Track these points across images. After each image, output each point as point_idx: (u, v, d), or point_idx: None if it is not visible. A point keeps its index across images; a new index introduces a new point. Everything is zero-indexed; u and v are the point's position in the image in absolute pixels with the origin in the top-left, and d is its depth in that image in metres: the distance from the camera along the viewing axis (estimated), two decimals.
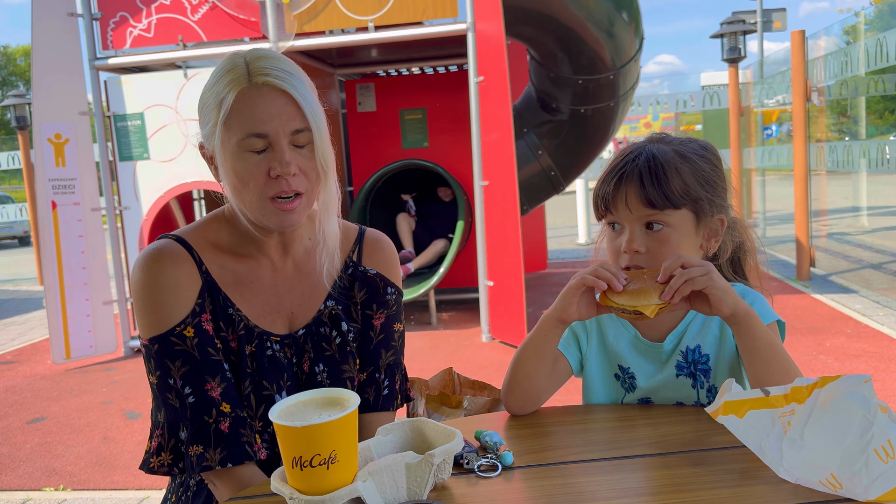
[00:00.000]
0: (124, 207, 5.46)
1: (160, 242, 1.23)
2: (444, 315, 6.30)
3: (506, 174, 4.76)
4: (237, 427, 1.17)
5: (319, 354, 1.27)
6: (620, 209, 1.24)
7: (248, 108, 1.13)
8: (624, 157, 1.26)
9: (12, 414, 4.34)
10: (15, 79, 40.37)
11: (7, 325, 7.41)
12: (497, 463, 1.04)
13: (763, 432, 0.92)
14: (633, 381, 1.33)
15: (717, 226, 1.28)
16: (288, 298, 1.28)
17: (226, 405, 1.17)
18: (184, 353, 1.17)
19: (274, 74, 1.13)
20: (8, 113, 9.47)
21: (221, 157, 1.17)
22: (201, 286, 1.21)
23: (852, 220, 10.99)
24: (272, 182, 1.14)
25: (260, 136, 1.13)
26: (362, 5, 5.07)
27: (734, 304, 1.12)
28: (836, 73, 6.39)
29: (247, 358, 1.21)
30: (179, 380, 1.16)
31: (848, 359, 4.30)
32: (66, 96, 5.28)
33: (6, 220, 10.78)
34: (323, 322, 1.28)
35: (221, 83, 1.15)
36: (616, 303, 1.13)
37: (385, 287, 1.35)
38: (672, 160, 1.23)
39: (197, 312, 1.19)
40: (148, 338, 1.18)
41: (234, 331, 1.22)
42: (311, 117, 1.15)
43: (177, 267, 1.19)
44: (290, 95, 1.13)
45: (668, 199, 1.21)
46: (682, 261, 1.12)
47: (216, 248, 1.25)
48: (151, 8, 5.28)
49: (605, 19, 5.28)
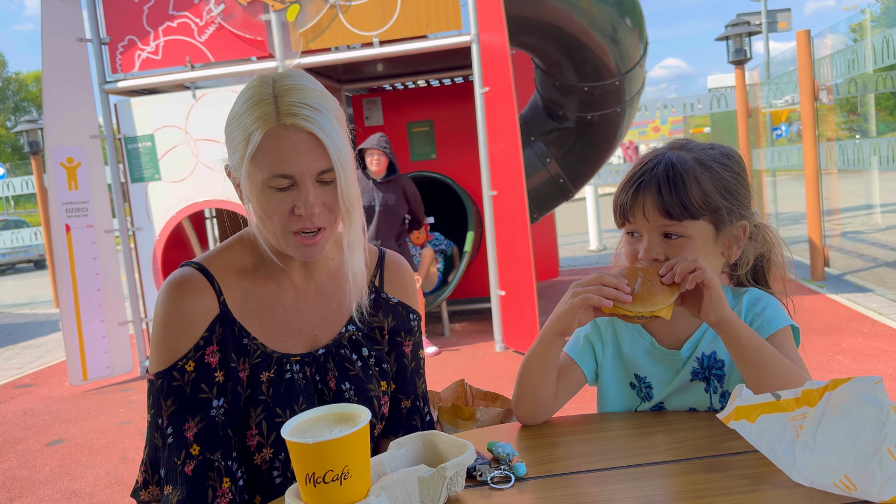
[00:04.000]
0: (137, 228, 5.50)
1: (182, 271, 1.23)
2: (457, 326, 6.30)
3: (514, 183, 4.77)
4: (203, 470, 1.16)
5: (344, 373, 1.27)
6: (638, 218, 1.23)
7: (276, 149, 1.13)
8: (643, 165, 1.25)
9: (31, 437, 4.37)
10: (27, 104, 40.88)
11: (24, 349, 7.48)
12: (510, 474, 1.04)
13: (775, 436, 0.92)
14: (649, 390, 1.32)
15: (738, 232, 1.27)
16: (310, 321, 1.28)
17: (196, 447, 1.16)
18: (177, 391, 1.17)
19: (302, 115, 1.13)
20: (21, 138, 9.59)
21: (247, 188, 1.18)
22: (216, 316, 1.21)
23: (866, 219, 10.89)
24: (295, 218, 1.16)
25: (285, 176, 1.14)
26: (367, 21, 5.11)
27: (722, 311, 1.14)
28: (844, 71, 6.36)
29: (262, 384, 1.21)
30: (166, 420, 1.17)
31: (865, 359, 4.26)
32: (77, 120, 5.34)
33: (21, 245, 10.91)
34: (343, 345, 1.29)
35: (249, 117, 1.15)
36: (629, 311, 1.13)
37: (408, 314, 1.38)
38: (691, 169, 1.21)
39: (201, 346, 1.19)
40: (154, 373, 1.19)
41: (249, 360, 1.22)
42: (336, 158, 1.15)
43: (194, 299, 1.20)
44: (318, 137, 1.14)
45: (685, 210, 1.19)
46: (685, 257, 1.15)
47: (239, 273, 1.26)
48: (159, 31, 5.35)
49: (608, 26, 5.29)
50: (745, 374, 1.14)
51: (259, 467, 1.21)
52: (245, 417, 1.20)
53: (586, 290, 1.16)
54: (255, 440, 1.19)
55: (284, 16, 5.17)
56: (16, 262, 17.34)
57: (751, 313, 1.26)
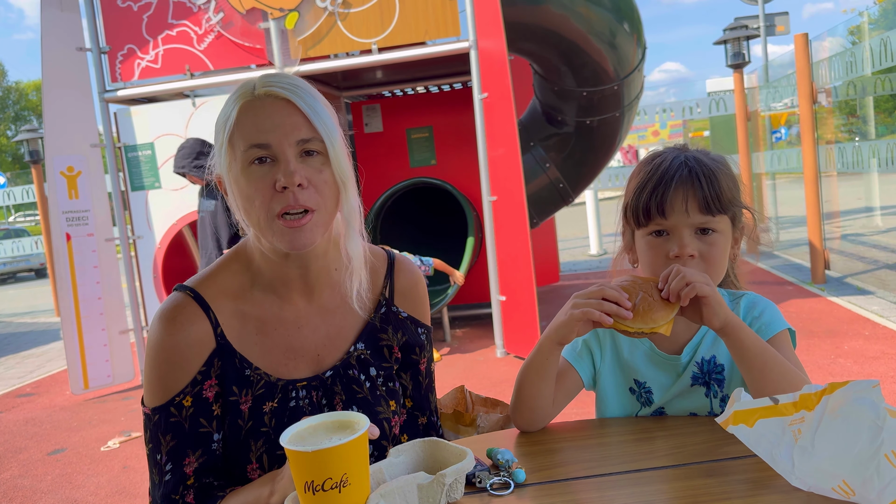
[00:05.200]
0: (137, 237, 5.51)
1: (174, 299, 1.17)
2: (458, 332, 6.30)
3: (514, 189, 4.77)
4: (203, 492, 1.13)
5: (352, 396, 1.20)
6: (676, 213, 1.22)
7: (251, 120, 1.07)
8: (667, 163, 1.25)
9: (32, 446, 4.37)
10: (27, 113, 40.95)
11: (26, 358, 7.47)
12: (509, 481, 1.04)
13: (773, 441, 0.92)
14: (649, 395, 1.32)
15: (738, 234, 1.31)
16: (313, 339, 1.21)
17: (192, 479, 1.13)
18: (175, 426, 1.13)
19: (278, 85, 1.08)
20: (21, 147, 9.61)
21: (228, 179, 1.12)
22: (213, 350, 1.15)
23: (866, 221, 10.88)
24: (278, 196, 1.06)
25: (262, 145, 1.06)
26: (365, 28, 5.13)
27: (725, 316, 1.13)
28: (842, 74, 6.37)
29: (264, 416, 1.15)
30: (165, 456, 1.13)
31: (867, 361, 4.25)
32: (78, 129, 5.36)
33: (22, 254, 10.92)
34: (351, 365, 1.22)
35: (229, 103, 1.11)
36: (630, 327, 1.13)
37: (417, 329, 1.32)
38: (715, 168, 1.25)
39: (199, 381, 1.14)
40: (151, 407, 1.14)
41: (252, 392, 1.16)
42: (320, 125, 1.08)
43: (188, 334, 1.13)
44: (294, 104, 1.07)
45: (721, 204, 1.22)
46: (679, 269, 1.14)
47: (235, 296, 1.18)
48: (158, 39, 5.36)
49: (606, 31, 5.31)
50: (748, 377, 1.14)
51: None
52: (245, 451, 1.15)
53: (587, 302, 1.15)
54: (256, 474, 1.15)
55: (283, 24, 5.19)
56: (17, 272, 17.34)
57: (749, 317, 1.27)
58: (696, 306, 1.14)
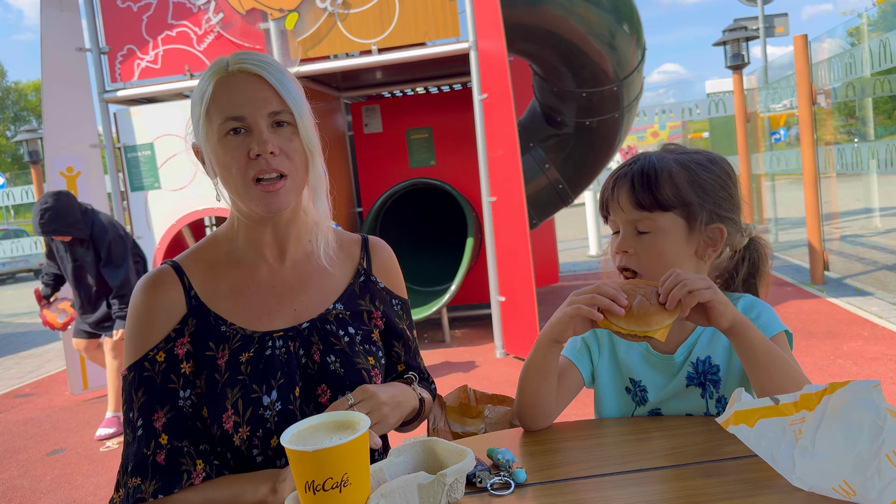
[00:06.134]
0: (137, 237, 5.50)
1: (155, 269, 1.26)
2: (458, 332, 6.30)
3: (513, 189, 4.78)
4: (175, 457, 1.16)
5: (329, 347, 1.25)
6: (615, 210, 1.28)
7: (226, 94, 1.17)
8: (624, 163, 1.31)
9: (32, 446, 4.37)
10: (27, 114, 40.93)
11: (25, 358, 7.47)
12: (510, 481, 1.04)
13: (774, 441, 0.92)
14: (644, 394, 1.33)
15: (715, 235, 1.28)
16: (289, 297, 1.28)
17: (164, 436, 1.16)
18: (148, 381, 1.18)
19: (249, 62, 1.17)
20: (21, 148, 9.59)
21: (206, 150, 1.20)
22: (186, 312, 1.22)
23: (865, 222, 10.90)
24: (253, 163, 1.16)
25: (237, 118, 1.16)
26: (365, 29, 5.13)
27: (733, 316, 1.13)
28: (842, 75, 6.38)
29: (241, 365, 1.20)
30: (137, 412, 1.18)
31: (866, 362, 4.26)
32: (77, 130, 5.36)
33: (22, 254, 10.90)
34: (329, 321, 1.28)
35: (204, 79, 1.20)
36: (623, 328, 1.12)
37: (391, 300, 1.38)
38: (667, 166, 1.26)
39: (172, 338, 1.20)
40: (127, 366, 1.21)
41: (228, 346, 1.21)
42: (289, 99, 1.17)
43: (160, 293, 1.21)
44: (265, 79, 1.17)
45: (655, 200, 1.24)
46: (679, 276, 1.13)
47: (211, 264, 1.27)
48: (158, 40, 5.36)
49: (606, 32, 5.31)
50: (753, 376, 1.14)
51: (240, 449, 1.19)
52: (222, 400, 1.18)
53: (580, 299, 1.17)
54: (231, 421, 1.17)
55: (283, 24, 5.19)
56: (16, 272, 17.34)
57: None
58: (702, 310, 1.13)
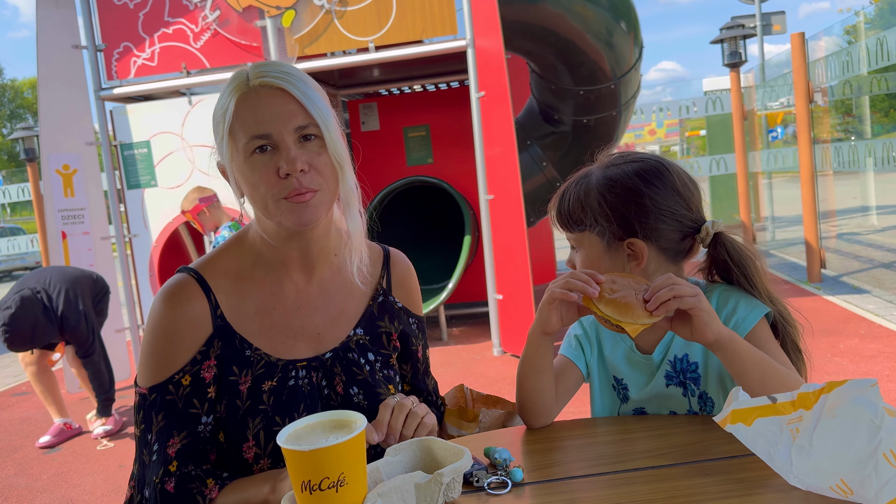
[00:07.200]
0: (133, 235, 5.50)
1: (176, 279, 1.19)
2: (455, 330, 6.30)
3: (511, 187, 4.77)
4: (184, 484, 1.12)
5: (352, 378, 1.22)
6: (558, 229, 1.37)
7: (249, 111, 1.11)
8: (564, 182, 1.38)
9: (28, 445, 4.36)
10: (23, 111, 40.81)
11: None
12: (507, 480, 1.04)
13: (772, 440, 0.92)
14: (626, 392, 1.34)
15: (635, 248, 1.25)
16: (313, 320, 1.23)
17: (175, 463, 1.13)
18: (170, 405, 1.14)
19: (271, 75, 1.11)
20: (17, 145, 9.55)
21: (232, 168, 1.15)
22: (212, 333, 1.17)
23: (861, 220, 10.92)
24: (283, 183, 1.10)
25: (262, 136, 1.10)
26: (362, 27, 5.12)
27: (718, 329, 1.11)
28: (839, 73, 6.38)
29: (263, 394, 1.17)
30: (155, 436, 1.14)
31: (863, 360, 4.26)
32: (73, 127, 5.34)
33: (18, 252, 10.88)
34: (350, 349, 1.24)
35: (225, 95, 1.14)
36: (601, 311, 1.12)
37: (408, 318, 1.35)
38: (582, 188, 1.29)
39: (198, 360, 1.16)
40: (148, 386, 1.15)
41: (252, 372, 1.18)
42: (315, 111, 1.11)
43: (184, 307, 1.16)
44: (289, 92, 1.11)
45: (571, 221, 1.31)
46: (671, 281, 1.12)
47: (236, 277, 1.21)
48: (154, 37, 5.35)
49: (603, 30, 5.30)
50: (747, 388, 1.11)
51: None
52: (242, 429, 1.16)
53: (556, 284, 1.18)
54: (252, 452, 1.16)
55: (280, 22, 5.18)
56: (12, 270, 17.30)
57: (723, 312, 1.24)
58: (687, 321, 1.11)
